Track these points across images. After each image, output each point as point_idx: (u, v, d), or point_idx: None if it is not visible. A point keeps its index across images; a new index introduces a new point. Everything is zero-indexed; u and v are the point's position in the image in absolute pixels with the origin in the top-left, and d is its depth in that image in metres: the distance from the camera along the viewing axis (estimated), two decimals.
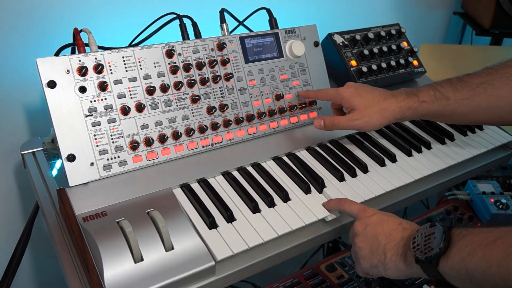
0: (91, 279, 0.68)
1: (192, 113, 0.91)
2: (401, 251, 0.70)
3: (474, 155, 1.08)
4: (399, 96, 0.91)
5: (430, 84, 0.94)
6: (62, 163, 0.78)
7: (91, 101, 0.81)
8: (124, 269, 0.67)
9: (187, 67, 0.90)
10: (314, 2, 1.52)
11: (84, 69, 0.80)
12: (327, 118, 0.93)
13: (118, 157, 0.83)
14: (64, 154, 0.78)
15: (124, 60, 0.85)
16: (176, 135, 0.88)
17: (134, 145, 0.83)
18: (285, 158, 0.97)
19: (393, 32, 1.25)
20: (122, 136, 0.83)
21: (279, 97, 1.01)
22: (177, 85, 0.89)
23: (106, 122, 0.82)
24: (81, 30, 0.86)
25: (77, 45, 0.85)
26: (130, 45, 0.95)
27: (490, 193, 1.16)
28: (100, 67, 0.81)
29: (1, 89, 1.06)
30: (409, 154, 1.04)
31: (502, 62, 0.92)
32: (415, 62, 1.29)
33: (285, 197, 0.86)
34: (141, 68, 0.86)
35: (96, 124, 0.81)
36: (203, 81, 0.92)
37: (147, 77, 0.86)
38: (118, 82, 0.84)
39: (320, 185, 0.91)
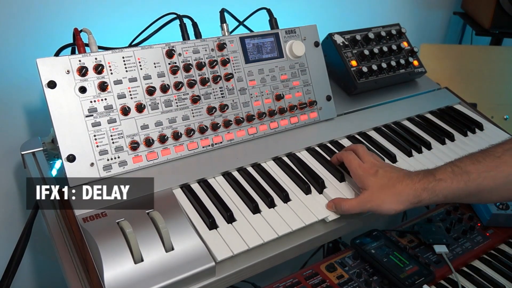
0: (91, 280, 0.68)
1: (192, 113, 0.91)
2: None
3: None
4: (414, 177, 0.81)
5: (450, 161, 0.84)
6: (62, 163, 0.78)
7: (91, 102, 0.81)
8: (124, 270, 0.67)
9: (187, 67, 0.90)
10: (314, 2, 1.52)
11: (84, 69, 0.80)
12: (337, 202, 0.85)
13: (118, 157, 0.82)
14: (64, 154, 0.77)
15: (124, 60, 0.85)
16: (176, 136, 0.88)
17: (134, 146, 0.83)
18: (285, 159, 0.97)
19: (394, 32, 1.25)
20: (122, 137, 0.83)
21: (279, 97, 1.01)
22: (177, 85, 0.89)
23: (106, 123, 0.82)
24: (81, 30, 0.86)
25: (77, 45, 0.85)
26: (130, 45, 0.95)
27: None
28: (100, 67, 0.81)
29: (1, 89, 1.06)
30: (409, 155, 1.04)
31: None
32: (415, 62, 1.28)
33: (285, 198, 0.86)
34: (141, 68, 0.86)
35: (96, 124, 0.81)
36: (203, 81, 0.92)
37: (147, 77, 0.86)
38: (118, 82, 0.84)
39: (320, 186, 0.91)
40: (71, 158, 0.78)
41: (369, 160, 0.88)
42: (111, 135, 0.82)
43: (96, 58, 0.82)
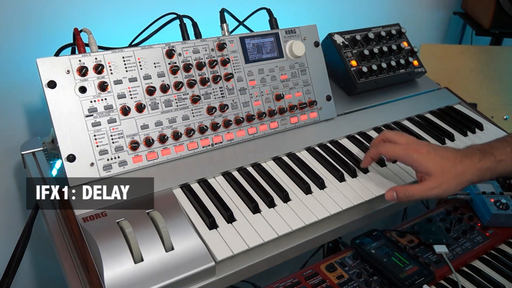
0: (91, 279, 0.68)
1: (192, 113, 0.91)
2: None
3: None
4: (474, 157, 0.83)
5: (503, 138, 0.88)
6: (62, 163, 0.78)
7: (91, 101, 0.81)
8: (124, 270, 0.67)
9: (187, 67, 0.90)
10: (314, 2, 1.52)
11: (84, 69, 0.80)
12: (399, 190, 0.83)
13: (118, 157, 0.82)
14: (64, 154, 0.78)
15: (124, 60, 0.85)
16: (176, 135, 0.88)
17: (134, 145, 0.83)
18: (285, 158, 0.97)
19: (393, 32, 1.25)
20: (122, 136, 0.83)
21: (279, 97, 1.01)
22: (177, 85, 0.89)
23: (106, 122, 0.82)
24: (81, 30, 0.86)
25: (77, 45, 0.85)
26: (130, 45, 0.95)
27: (490, 193, 1.16)
28: (100, 67, 0.81)
29: (1, 89, 1.06)
30: None
31: None
32: (415, 62, 1.29)
33: (285, 198, 0.86)
34: (141, 68, 0.86)
35: (96, 124, 0.81)
36: (203, 81, 0.92)
37: (147, 77, 0.86)
38: (118, 82, 0.84)
39: (320, 186, 0.91)
40: (71, 158, 0.78)
41: (409, 140, 0.87)
42: (111, 135, 0.82)
43: (96, 58, 0.82)
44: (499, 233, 1.09)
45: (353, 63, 1.18)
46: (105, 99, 0.82)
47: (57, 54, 0.90)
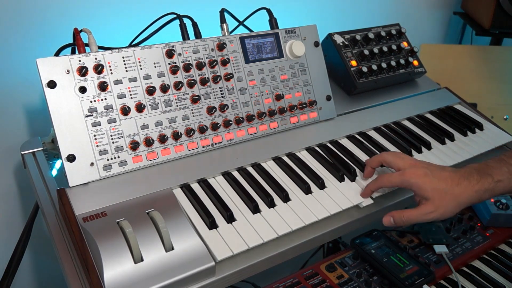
0: (91, 279, 0.68)
1: (192, 113, 0.91)
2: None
3: (474, 155, 1.09)
4: (471, 179, 0.82)
5: (499, 157, 0.87)
6: (62, 163, 0.78)
7: (91, 101, 0.81)
8: (124, 270, 0.67)
9: (187, 67, 0.90)
10: (314, 2, 1.52)
11: (84, 69, 0.80)
12: (396, 215, 0.83)
13: (118, 157, 0.82)
14: (64, 154, 0.78)
15: (124, 60, 0.85)
16: (176, 135, 0.88)
17: (134, 145, 0.83)
18: (285, 158, 0.97)
19: (393, 32, 1.25)
20: (122, 136, 0.83)
21: (279, 97, 1.01)
22: (177, 85, 0.89)
23: (106, 122, 0.82)
24: (81, 30, 0.86)
25: (77, 45, 0.85)
26: (130, 45, 0.95)
27: None
28: (100, 67, 0.81)
29: (1, 89, 1.06)
30: (409, 155, 1.04)
31: None
32: (415, 62, 1.29)
33: (285, 197, 0.86)
34: (141, 68, 0.86)
35: (96, 124, 0.81)
36: (203, 81, 0.92)
37: (147, 77, 0.86)
38: (118, 82, 0.84)
39: (320, 186, 0.91)
40: (71, 158, 0.78)
41: (406, 164, 0.86)
42: (111, 135, 0.82)
43: (96, 58, 0.82)
44: (499, 233, 1.09)
45: (353, 63, 1.18)
46: (105, 99, 0.82)
47: (57, 54, 0.90)
